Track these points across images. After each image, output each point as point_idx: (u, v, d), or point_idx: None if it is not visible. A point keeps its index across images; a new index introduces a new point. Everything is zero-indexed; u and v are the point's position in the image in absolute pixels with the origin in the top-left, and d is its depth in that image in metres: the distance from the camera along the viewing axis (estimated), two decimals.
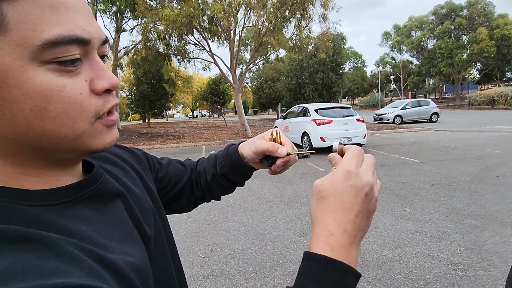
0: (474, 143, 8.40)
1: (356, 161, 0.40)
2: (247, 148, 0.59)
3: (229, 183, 0.65)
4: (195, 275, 2.56)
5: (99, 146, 0.35)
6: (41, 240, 0.28)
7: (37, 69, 0.28)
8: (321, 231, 0.38)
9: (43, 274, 0.25)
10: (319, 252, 0.36)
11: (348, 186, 0.38)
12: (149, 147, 11.14)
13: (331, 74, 20.17)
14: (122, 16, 15.24)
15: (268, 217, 3.76)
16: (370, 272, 2.47)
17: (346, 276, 0.35)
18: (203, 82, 33.09)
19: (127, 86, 26.56)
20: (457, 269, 2.45)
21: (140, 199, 0.47)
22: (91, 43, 0.32)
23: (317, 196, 0.40)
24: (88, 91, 0.32)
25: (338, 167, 0.40)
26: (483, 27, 28.06)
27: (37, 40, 0.27)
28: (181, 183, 0.64)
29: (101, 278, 0.29)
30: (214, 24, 11.04)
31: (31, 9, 0.27)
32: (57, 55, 0.28)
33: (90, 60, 0.33)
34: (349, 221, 0.37)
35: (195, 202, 0.68)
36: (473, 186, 4.54)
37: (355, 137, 8.02)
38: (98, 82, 0.33)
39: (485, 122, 14.07)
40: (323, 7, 11.10)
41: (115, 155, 0.52)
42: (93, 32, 0.32)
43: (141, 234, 0.42)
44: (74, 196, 0.36)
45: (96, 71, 0.33)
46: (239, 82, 13.09)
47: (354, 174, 0.38)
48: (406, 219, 3.50)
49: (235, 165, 0.62)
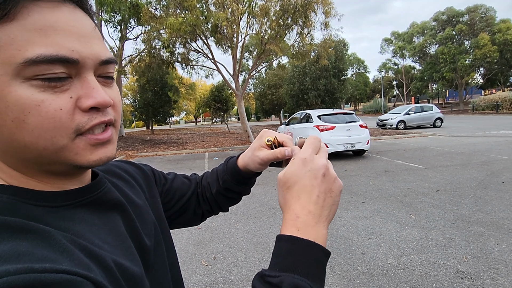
0: (478, 149, 8.33)
1: (312, 149, 0.44)
2: (252, 163, 0.59)
3: (234, 194, 0.66)
4: (198, 283, 2.54)
5: (84, 163, 0.36)
6: (38, 231, 0.31)
7: (20, 85, 0.31)
8: (288, 216, 0.41)
9: (34, 260, 0.27)
10: (286, 233, 0.40)
11: (306, 171, 0.42)
12: (153, 154, 11.19)
13: (334, 80, 20.21)
14: (126, 25, 15.48)
15: (271, 224, 3.74)
16: (375, 281, 2.44)
17: (313, 251, 0.38)
18: (206, 89, 33.31)
19: (131, 93, 26.84)
20: (464, 277, 2.41)
21: (142, 211, 0.49)
22: (81, 63, 0.33)
23: (283, 187, 0.43)
24: (70, 107, 0.33)
25: (295, 157, 0.44)
26: (484, 32, 28.06)
27: (20, 58, 0.30)
28: (186, 197, 0.65)
29: (89, 269, 0.31)
30: (218, 32, 11.18)
31: (19, 32, 0.30)
32: (38, 73, 0.31)
33: (82, 79, 0.34)
34: (312, 202, 0.41)
35: (202, 215, 0.69)
36: (479, 192, 4.49)
37: (358, 143, 7.99)
38: (84, 100, 0.34)
39: (490, 127, 13.96)
40: (324, 14, 11.21)
41: (123, 170, 0.55)
42: (86, 53, 0.34)
43: (139, 244, 0.44)
44: (74, 200, 0.38)
45: (85, 89, 0.34)
46: (242, 88, 13.17)
47: (310, 160, 0.43)
48: (411, 226, 3.47)
49: (237, 177, 0.63)
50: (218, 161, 8.81)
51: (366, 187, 5.18)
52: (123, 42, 15.94)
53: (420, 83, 37.40)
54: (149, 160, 9.87)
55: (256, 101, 29.76)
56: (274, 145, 0.57)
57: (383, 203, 4.30)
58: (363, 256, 2.84)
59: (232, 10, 10.58)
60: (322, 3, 10.82)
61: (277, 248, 0.39)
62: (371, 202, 4.40)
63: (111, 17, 14.77)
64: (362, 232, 3.38)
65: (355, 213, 3.98)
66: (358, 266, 2.67)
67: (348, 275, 2.54)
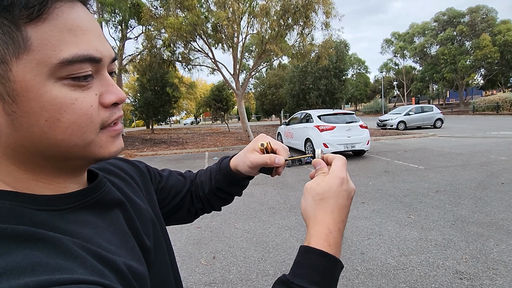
0: (478, 149, 8.33)
1: (345, 169, 0.48)
2: (243, 165, 0.59)
3: (226, 194, 0.66)
4: (197, 282, 2.55)
5: (105, 155, 0.37)
6: (48, 240, 0.30)
7: (54, 84, 0.31)
8: (322, 229, 0.43)
9: (50, 270, 0.27)
10: (318, 248, 0.41)
11: (343, 191, 0.45)
12: (153, 153, 11.19)
13: (334, 80, 20.21)
14: (126, 24, 15.48)
15: (271, 224, 3.74)
16: (374, 281, 2.44)
17: (337, 270, 0.41)
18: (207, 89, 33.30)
19: (131, 92, 26.84)
20: (463, 278, 2.41)
21: (141, 209, 0.49)
22: (102, 61, 0.35)
23: (315, 197, 0.45)
24: (97, 104, 0.35)
25: (332, 173, 0.47)
26: (485, 33, 28.05)
27: (55, 59, 0.31)
28: (181, 194, 0.66)
29: (103, 275, 0.31)
30: (218, 32, 11.17)
31: (52, 32, 0.31)
32: (72, 72, 0.32)
33: (101, 76, 0.36)
34: (342, 221, 0.44)
35: (195, 213, 0.69)
36: (478, 193, 4.49)
37: (358, 143, 7.99)
38: (107, 96, 0.36)
39: (490, 128, 13.95)
40: (325, 15, 11.19)
41: (118, 167, 0.54)
42: (105, 51, 0.35)
43: (140, 243, 0.44)
44: (77, 202, 0.38)
45: (105, 86, 0.36)
46: (242, 88, 13.17)
47: (346, 181, 0.46)
48: (410, 226, 3.47)
49: (229, 178, 0.63)
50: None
51: (366, 188, 5.18)
52: (123, 42, 15.94)
53: (421, 84, 37.40)
54: (149, 160, 9.87)
55: (256, 101, 29.74)
56: (266, 151, 0.57)
57: (383, 204, 4.30)
58: (362, 256, 2.84)
59: (232, 9, 10.58)
60: (322, 3, 10.81)
61: (307, 259, 0.40)
62: (370, 202, 4.40)
63: (112, 17, 14.78)
64: (361, 232, 3.39)
65: (355, 213, 3.99)
66: (357, 266, 2.68)
67: (347, 275, 2.54)
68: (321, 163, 0.50)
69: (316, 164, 0.50)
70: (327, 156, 0.51)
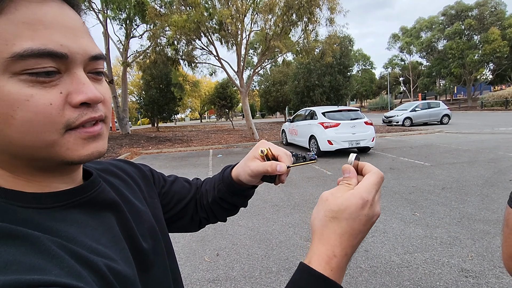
0: (486, 146, 8.19)
1: (376, 190, 0.40)
2: (243, 173, 0.57)
3: (229, 205, 0.64)
4: (201, 279, 2.57)
5: (75, 158, 0.35)
6: (27, 237, 0.30)
7: (8, 80, 0.30)
8: (325, 250, 0.38)
9: (22, 270, 0.26)
10: (319, 270, 0.37)
11: (363, 215, 0.39)
12: (157, 151, 11.27)
13: (339, 76, 20.05)
14: (131, 22, 15.55)
15: (274, 221, 3.75)
16: (378, 278, 2.43)
17: None
18: (211, 86, 33.36)
19: (136, 90, 27.01)
20: (469, 276, 2.39)
21: (139, 211, 0.48)
22: (70, 58, 0.33)
23: (328, 213, 0.39)
24: (60, 102, 0.33)
25: (357, 191, 0.40)
26: (495, 27, 27.47)
27: (6, 53, 0.30)
28: (185, 201, 0.64)
29: (80, 277, 0.30)
30: (222, 29, 11.15)
31: (6, 26, 0.30)
32: (26, 67, 0.30)
33: (72, 75, 0.34)
34: (352, 246, 0.39)
35: (200, 222, 0.68)
36: (485, 190, 4.42)
37: (363, 140, 7.93)
38: (75, 95, 0.34)
39: (499, 124, 13.71)
40: (330, 11, 11.08)
41: (120, 169, 0.54)
42: (75, 48, 0.34)
43: (134, 245, 0.43)
44: (66, 201, 0.37)
45: (76, 85, 0.34)
46: (247, 86, 13.15)
47: (370, 205, 0.39)
48: (415, 224, 3.44)
49: (231, 188, 0.61)
50: (222, 158, 8.85)
51: None
52: (128, 40, 16.02)
53: (428, 79, 36.84)
54: (154, 157, 9.95)
55: (260, 98, 29.68)
56: (267, 158, 0.54)
57: (388, 201, 4.27)
58: (366, 254, 2.83)
59: (236, 7, 10.53)
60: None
61: (305, 282, 0.37)
62: None
63: (117, 15, 14.85)
64: None
65: None
66: (361, 264, 2.66)
67: (351, 273, 2.53)
68: (351, 171, 0.43)
69: (345, 171, 0.43)
70: (362, 166, 0.44)
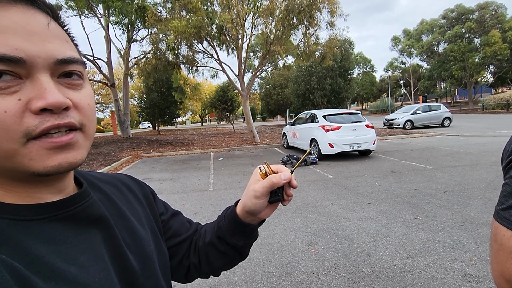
0: (488, 149, 8.16)
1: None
2: (249, 199, 0.55)
3: (227, 248, 0.59)
4: (202, 285, 2.55)
5: (40, 168, 0.33)
6: None
7: None
8: None
9: None
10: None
11: None
12: (159, 154, 11.27)
13: (340, 79, 20.08)
14: (133, 27, 15.65)
15: (275, 225, 3.73)
16: (381, 283, 2.41)
17: None
18: (212, 90, 33.44)
19: (138, 94, 27.12)
20: (472, 281, 2.36)
21: (134, 229, 0.46)
22: (29, 62, 0.32)
23: None
24: (17, 110, 0.31)
25: None
26: (495, 30, 27.52)
27: None
28: (180, 238, 0.61)
29: None
30: (223, 34, 11.20)
31: None
32: None
33: (34, 80, 0.33)
34: None
35: (188, 269, 0.62)
36: (488, 194, 4.40)
37: (365, 143, 7.92)
38: (34, 101, 0.32)
39: (500, 127, 13.67)
40: (330, 14, 11.13)
41: (122, 183, 0.53)
42: (35, 51, 0.32)
43: (123, 264, 0.41)
44: (48, 214, 0.36)
45: (37, 90, 0.32)
46: (247, 89, 13.17)
47: None
48: (417, 227, 3.41)
49: (233, 224, 0.58)
50: (223, 162, 8.83)
51: (372, 188, 5.13)
52: (129, 44, 16.10)
53: (428, 82, 36.84)
54: (155, 161, 9.95)
55: (261, 101, 29.73)
56: (267, 174, 0.55)
57: (390, 204, 4.25)
58: (368, 258, 2.81)
59: (237, 11, 10.59)
60: (327, 3, 10.75)
61: None
62: (377, 203, 4.35)
63: (120, 20, 14.95)
64: (367, 233, 3.35)
65: (361, 214, 3.94)
66: (363, 268, 2.64)
67: (353, 277, 2.51)
68: None
69: None
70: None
